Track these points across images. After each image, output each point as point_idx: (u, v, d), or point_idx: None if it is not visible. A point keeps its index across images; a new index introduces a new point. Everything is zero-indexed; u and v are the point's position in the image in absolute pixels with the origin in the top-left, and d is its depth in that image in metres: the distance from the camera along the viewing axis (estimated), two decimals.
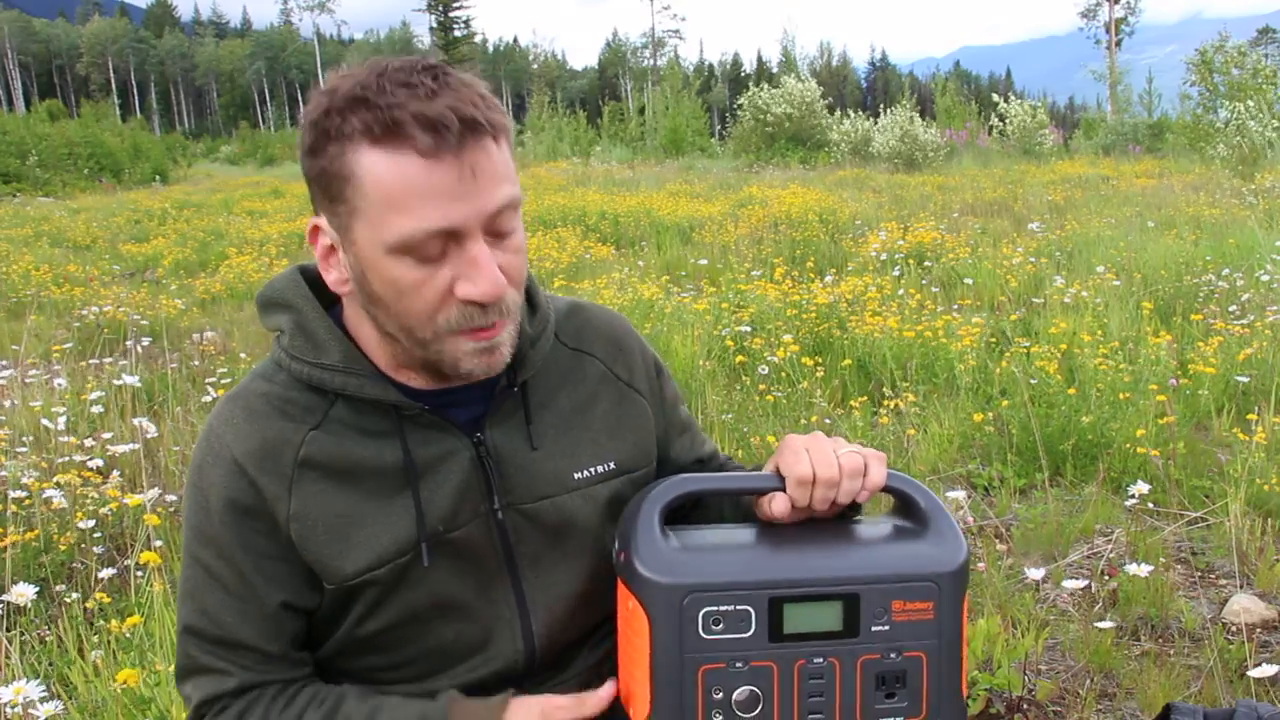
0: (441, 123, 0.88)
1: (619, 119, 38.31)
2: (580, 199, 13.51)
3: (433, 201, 0.89)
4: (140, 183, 27.19)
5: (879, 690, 0.96)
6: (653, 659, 0.95)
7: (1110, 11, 47.07)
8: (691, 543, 1.01)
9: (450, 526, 1.03)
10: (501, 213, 0.93)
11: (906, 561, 0.98)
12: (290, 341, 1.03)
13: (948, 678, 0.98)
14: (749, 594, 0.95)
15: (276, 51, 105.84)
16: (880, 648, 0.96)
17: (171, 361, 5.05)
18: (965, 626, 1.00)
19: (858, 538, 1.02)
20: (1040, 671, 2.39)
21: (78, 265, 10.15)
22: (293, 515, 0.99)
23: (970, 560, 1.02)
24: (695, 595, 0.94)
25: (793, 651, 0.95)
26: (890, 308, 5.43)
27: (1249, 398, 4.11)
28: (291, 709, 1.02)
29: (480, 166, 0.90)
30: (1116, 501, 3.35)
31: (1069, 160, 22.49)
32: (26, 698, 1.72)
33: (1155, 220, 9.12)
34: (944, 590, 0.97)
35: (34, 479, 3.03)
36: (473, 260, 0.92)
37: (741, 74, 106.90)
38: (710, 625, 0.94)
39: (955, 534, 1.00)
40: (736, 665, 0.95)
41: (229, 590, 1.01)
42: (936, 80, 47.48)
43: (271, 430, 1.00)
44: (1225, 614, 2.62)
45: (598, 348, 1.16)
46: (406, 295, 0.93)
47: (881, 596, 0.96)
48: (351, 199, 0.92)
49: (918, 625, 0.97)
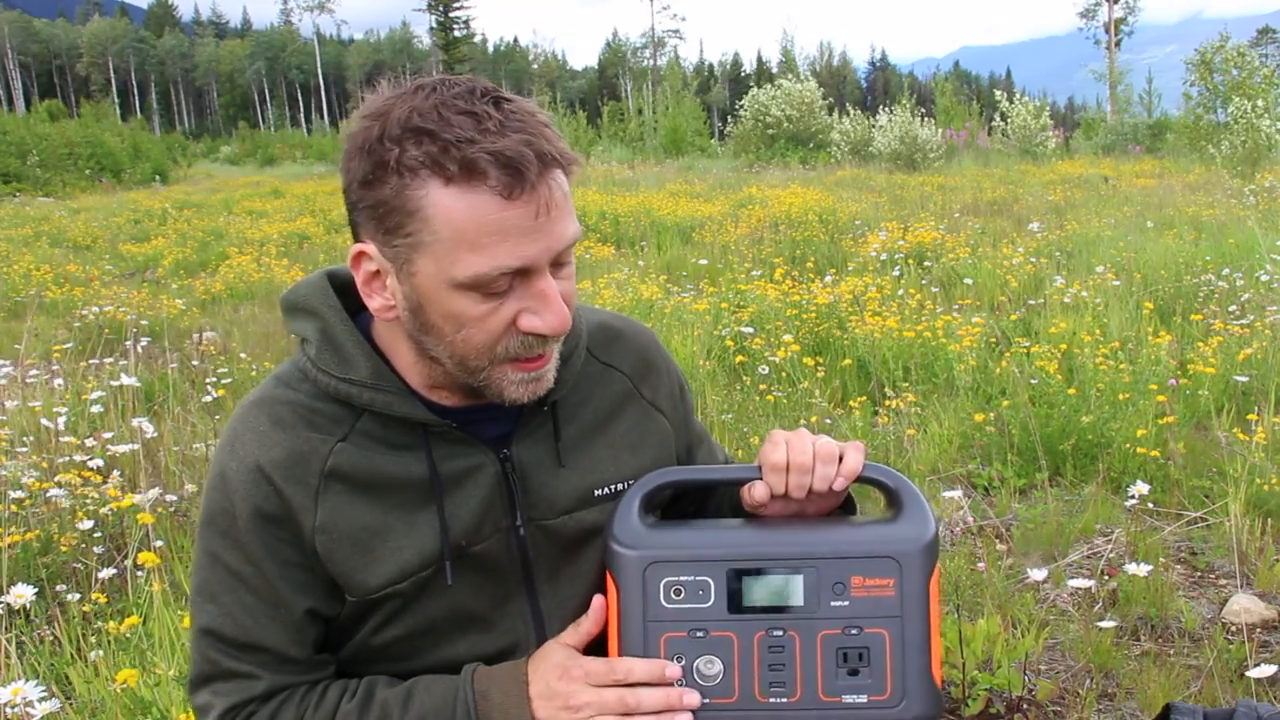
0: (520, 163, 0.86)
1: (619, 119, 38.32)
2: (580, 199, 13.51)
3: (510, 241, 0.88)
4: (140, 183, 27.19)
5: (841, 666, 0.97)
6: (620, 626, 0.99)
7: (1110, 11, 47.08)
8: (665, 526, 1.05)
9: (473, 541, 1.03)
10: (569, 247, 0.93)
11: (868, 539, 1.00)
12: (317, 354, 1.01)
13: (913, 658, 0.97)
14: (709, 565, 0.98)
15: (276, 52, 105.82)
16: (840, 623, 0.97)
17: (171, 361, 5.05)
18: (935, 607, 0.99)
19: (827, 521, 1.05)
20: (1040, 671, 2.39)
21: (78, 265, 10.16)
22: (318, 527, 0.99)
23: (938, 540, 1.01)
24: (657, 565, 0.98)
25: (752, 623, 0.97)
26: (890, 308, 5.43)
27: (1249, 398, 4.11)
28: (324, 705, 1.01)
29: (554, 202, 0.90)
30: (1116, 501, 3.35)
31: (1069, 160, 22.48)
32: (25, 698, 1.72)
33: (1155, 220, 9.12)
34: (906, 568, 0.97)
35: (34, 479, 3.03)
36: (540, 294, 0.92)
37: (741, 74, 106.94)
38: (671, 595, 0.98)
39: (924, 515, 1.01)
40: (697, 635, 0.98)
41: (256, 594, 1.00)
42: (936, 80, 47.50)
43: (299, 440, 0.99)
44: (1225, 614, 2.62)
45: (626, 364, 1.16)
46: (468, 328, 0.93)
47: (839, 571, 0.97)
48: (416, 233, 0.89)
49: (878, 601, 0.97)
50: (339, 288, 1.05)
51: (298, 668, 1.03)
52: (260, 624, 1.00)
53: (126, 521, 2.96)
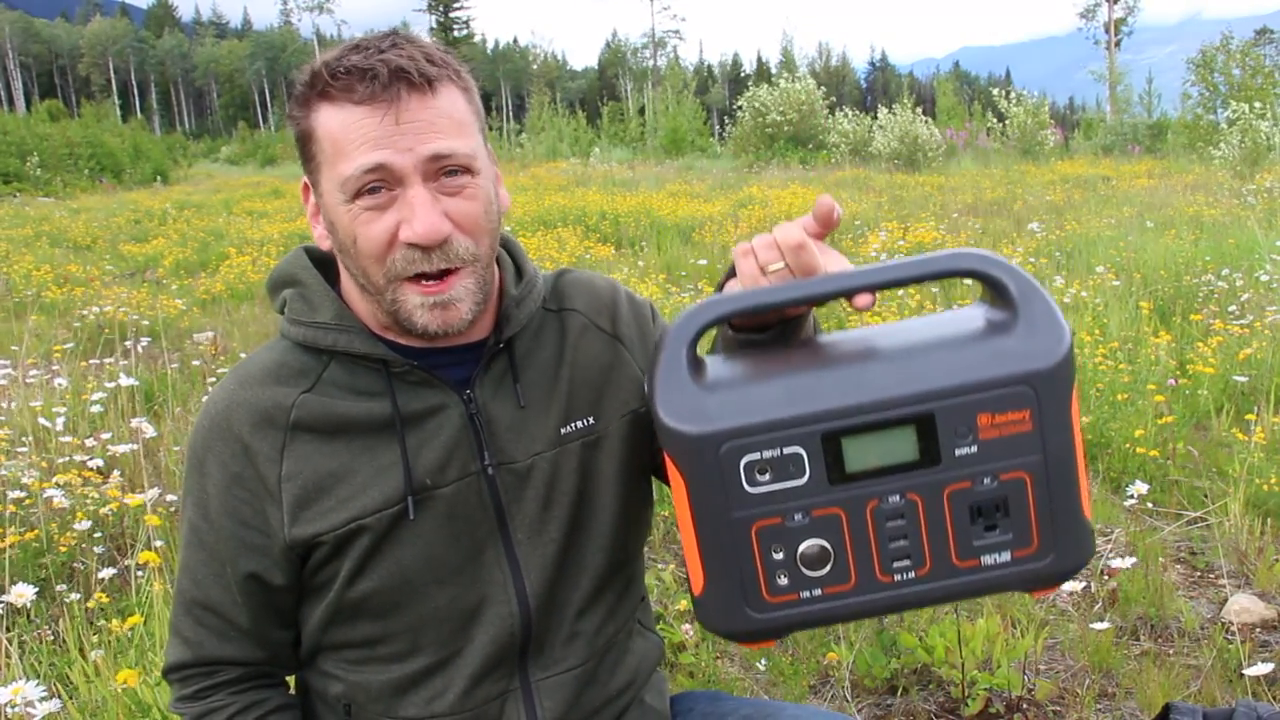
0: (372, 72, 0.95)
1: (619, 119, 38.32)
2: (580, 199, 13.51)
3: (369, 143, 0.95)
4: (141, 183, 27.18)
5: (975, 524, 0.81)
6: (696, 526, 0.82)
7: (1110, 12, 47.07)
8: (724, 376, 0.85)
9: (439, 481, 1.04)
10: (443, 163, 0.97)
11: (989, 364, 0.80)
12: (289, 306, 1.08)
13: (1060, 498, 0.81)
14: (795, 432, 0.79)
15: (276, 52, 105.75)
16: (970, 474, 0.80)
17: (172, 361, 5.06)
18: (1078, 434, 0.82)
19: (925, 340, 0.84)
20: (1040, 671, 2.39)
21: (78, 265, 10.16)
22: (284, 476, 1.03)
23: (1074, 350, 0.82)
24: (733, 444, 0.80)
25: (862, 492, 0.81)
26: (890, 308, 5.43)
27: (1248, 397, 4.11)
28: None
29: (414, 113, 0.96)
30: (1116, 501, 3.35)
31: (1069, 160, 22.48)
32: (25, 698, 1.72)
33: (1155, 220, 9.12)
34: (1042, 393, 0.79)
35: (34, 479, 3.03)
36: (409, 202, 0.97)
37: (741, 74, 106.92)
38: (755, 476, 0.80)
39: (1053, 319, 0.81)
40: (796, 518, 0.81)
41: (211, 552, 1.06)
42: (937, 80, 47.51)
43: (264, 396, 1.04)
44: (1224, 614, 2.62)
45: (579, 302, 1.18)
46: (359, 239, 0.98)
47: (963, 411, 0.79)
48: (317, 154, 1.00)
49: (1014, 440, 0.80)
50: (316, 261, 1.12)
51: (237, 636, 1.07)
52: (209, 580, 1.06)
53: (127, 521, 2.97)
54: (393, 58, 0.96)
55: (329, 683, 1.11)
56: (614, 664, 1.17)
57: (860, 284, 0.84)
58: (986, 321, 0.84)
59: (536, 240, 9.94)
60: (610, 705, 1.16)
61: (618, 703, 1.17)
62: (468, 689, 1.07)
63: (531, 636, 1.09)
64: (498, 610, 1.07)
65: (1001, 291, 0.84)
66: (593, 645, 1.14)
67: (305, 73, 1.01)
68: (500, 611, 1.07)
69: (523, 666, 1.10)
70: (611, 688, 1.16)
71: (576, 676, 1.12)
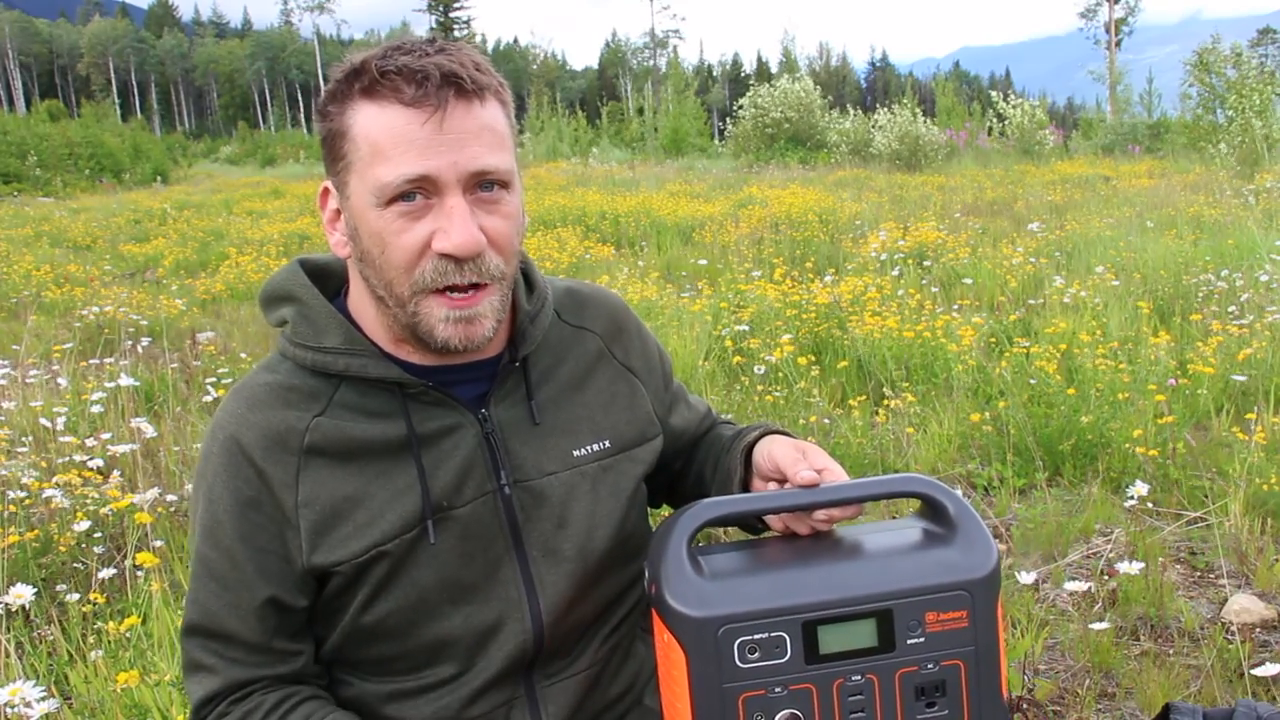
0: (424, 74, 0.92)
1: (619, 119, 38.30)
2: (580, 199, 13.50)
3: (415, 150, 0.93)
4: (141, 183, 27.16)
5: (919, 701, 0.97)
6: (692, 692, 0.95)
7: (1110, 12, 47.07)
8: (720, 568, 1.00)
9: (455, 502, 1.03)
10: (483, 177, 0.96)
11: (937, 571, 0.98)
12: (293, 330, 1.05)
13: (987, 682, 0.98)
14: (783, 620, 0.94)
15: (276, 52, 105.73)
16: (917, 660, 0.96)
17: (172, 361, 5.05)
18: (1001, 629, 1.00)
19: (885, 549, 1.02)
20: (1040, 671, 2.39)
21: (78, 265, 10.15)
22: (301, 502, 1.00)
23: (1001, 563, 0.99)
24: (729, 627, 0.94)
25: (830, 671, 0.95)
26: (890, 308, 5.43)
27: (1248, 397, 4.11)
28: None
29: (461, 122, 0.94)
30: (1116, 501, 3.35)
31: (1069, 160, 22.47)
32: (24, 698, 1.72)
33: (1154, 220, 9.11)
34: (977, 597, 0.97)
35: (34, 479, 3.03)
36: (448, 213, 0.95)
37: (741, 74, 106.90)
38: (746, 654, 0.94)
39: (984, 538, 1.00)
40: (776, 690, 0.95)
41: (223, 582, 1.02)
42: (937, 80, 47.51)
43: (275, 419, 1.01)
44: (1225, 614, 2.62)
45: (598, 325, 1.18)
46: (389, 247, 0.96)
47: (915, 609, 0.96)
48: (349, 154, 0.96)
49: (953, 634, 0.97)
50: (312, 273, 1.09)
51: (259, 656, 1.03)
52: (224, 611, 1.02)
53: (126, 522, 2.96)
54: (444, 61, 0.94)
55: (339, 688, 1.11)
56: (617, 669, 1.17)
57: (829, 499, 1.03)
58: (925, 533, 1.03)
59: (536, 240, 9.93)
60: (612, 708, 1.17)
61: (619, 706, 1.18)
62: (474, 698, 1.07)
63: (543, 655, 1.10)
64: (513, 628, 1.07)
65: (941, 512, 1.02)
66: (598, 652, 1.14)
67: (345, 68, 0.98)
68: (515, 629, 1.07)
69: (528, 675, 1.10)
70: (613, 691, 1.16)
71: (580, 682, 1.12)
